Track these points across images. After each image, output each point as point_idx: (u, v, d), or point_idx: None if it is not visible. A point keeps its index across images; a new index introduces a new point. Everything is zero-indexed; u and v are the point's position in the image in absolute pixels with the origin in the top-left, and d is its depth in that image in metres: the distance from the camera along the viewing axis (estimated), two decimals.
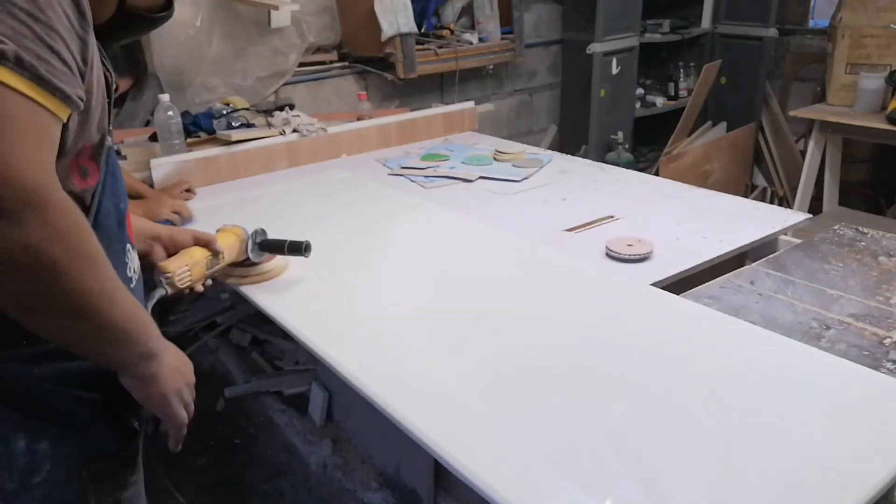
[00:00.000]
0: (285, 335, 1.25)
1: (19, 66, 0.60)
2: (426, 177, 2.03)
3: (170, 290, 1.11)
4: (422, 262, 1.42)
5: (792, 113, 3.24)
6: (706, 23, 3.83)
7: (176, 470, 1.86)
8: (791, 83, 3.74)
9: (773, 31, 3.58)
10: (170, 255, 1.17)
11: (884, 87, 2.87)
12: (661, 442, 0.85)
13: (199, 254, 1.19)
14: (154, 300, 1.07)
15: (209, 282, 1.23)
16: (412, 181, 2.01)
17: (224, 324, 2.26)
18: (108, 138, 0.82)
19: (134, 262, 0.89)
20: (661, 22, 3.67)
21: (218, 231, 1.28)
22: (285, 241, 1.31)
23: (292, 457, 1.69)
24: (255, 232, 1.32)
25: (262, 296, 1.29)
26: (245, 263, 1.32)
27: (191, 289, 1.17)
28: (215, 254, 1.22)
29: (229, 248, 1.27)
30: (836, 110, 3.04)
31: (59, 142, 0.67)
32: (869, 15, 2.92)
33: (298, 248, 1.30)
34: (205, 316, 2.31)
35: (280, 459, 1.77)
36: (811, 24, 3.69)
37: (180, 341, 2.28)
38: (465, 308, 1.21)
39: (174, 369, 0.84)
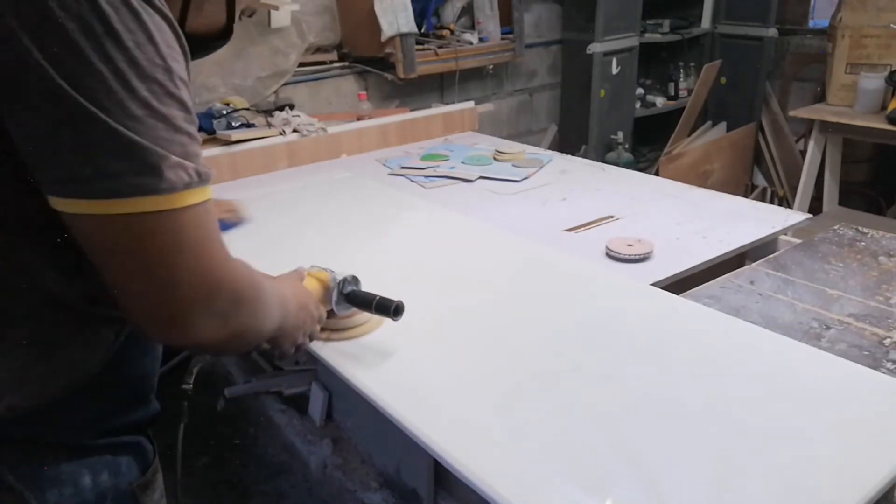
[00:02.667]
0: None
1: (199, 179, 0.62)
2: (426, 177, 2.03)
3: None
4: (421, 262, 1.42)
5: (792, 113, 3.24)
6: (706, 23, 3.83)
7: (175, 470, 1.85)
8: (791, 83, 3.74)
9: (773, 31, 3.58)
10: None
11: (884, 87, 2.87)
12: (661, 442, 0.85)
13: None
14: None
15: (292, 349, 1.07)
16: (412, 181, 2.01)
17: None
18: None
19: None
20: (661, 22, 3.67)
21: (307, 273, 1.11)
22: (375, 296, 1.08)
23: (292, 457, 1.69)
24: (345, 280, 1.10)
25: None
26: (329, 315, 1.12)
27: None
28: None
29: None
30: (836, 110, 3.04)
31: None
32: (869, 15, 2.92)
33: (387, 309, 1.06)
34: None
35: (280, 459, 1.77)
36: (811, 24, 3.69)
37: None
38: (465, 308, 1.21)
39: (294, 326, 0.94)
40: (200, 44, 0.80)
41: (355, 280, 1.12)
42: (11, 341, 0.66)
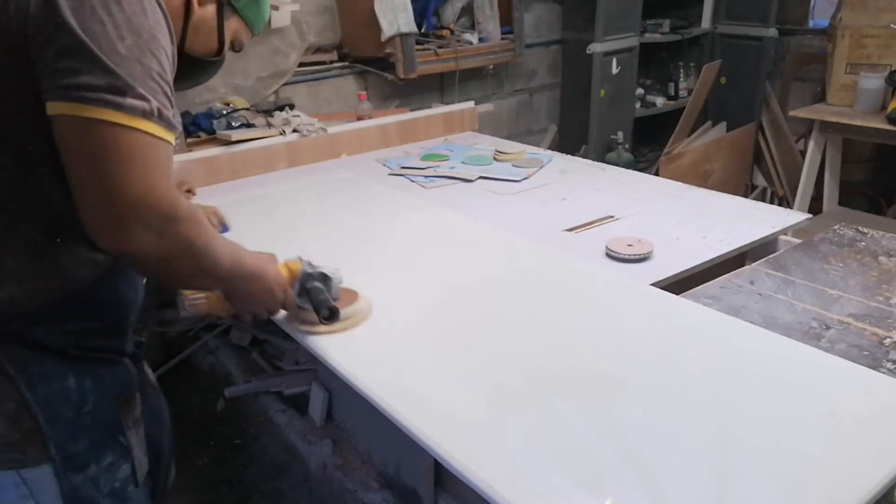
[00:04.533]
0: (285, 335, 1.25)
1: (160, 118, 0.80)
2: (426, 177, 2.03)
3: (181, 313, 1.13)
4: (422, 263, 1.42)
5: (792, 113, 3.24)
6: (706, 23, 3.83)
7: (176, 470, 1.85)
8: (791, 83, 3.74)
9: (773, 31, 3.58)
10: None
11: (884, 87, 2.87)
12: (660, 442, 0.85)
13: None
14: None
15: (249, 315, 1.13)
16: (412, 181, 2.01)
17: (224, 324, 2.26)
18: None
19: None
20: (661, 22, 3.67)
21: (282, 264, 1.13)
22: (325, 297, 1.10)
23: (292, 457, 1.69)
24: (310, 275, 1.11)
25: None
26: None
27: (217, 317, 1.18)
28: None
29: None
30: (836, 110, 3.04)
31: None
32: (869, 15, 2.92)
33: (318, 310, 1.09)
34: None
35: (280, 459, 1.77)
36: (811, 24, 3.69)
37: (180, 341, 2.29)
38: (465, 308, 1.21)
39: (247, 292, 1.06)
40: (200, 64, 1.07)
41: (323, 277, 1.12)
42: (21, 237, 0.84)
